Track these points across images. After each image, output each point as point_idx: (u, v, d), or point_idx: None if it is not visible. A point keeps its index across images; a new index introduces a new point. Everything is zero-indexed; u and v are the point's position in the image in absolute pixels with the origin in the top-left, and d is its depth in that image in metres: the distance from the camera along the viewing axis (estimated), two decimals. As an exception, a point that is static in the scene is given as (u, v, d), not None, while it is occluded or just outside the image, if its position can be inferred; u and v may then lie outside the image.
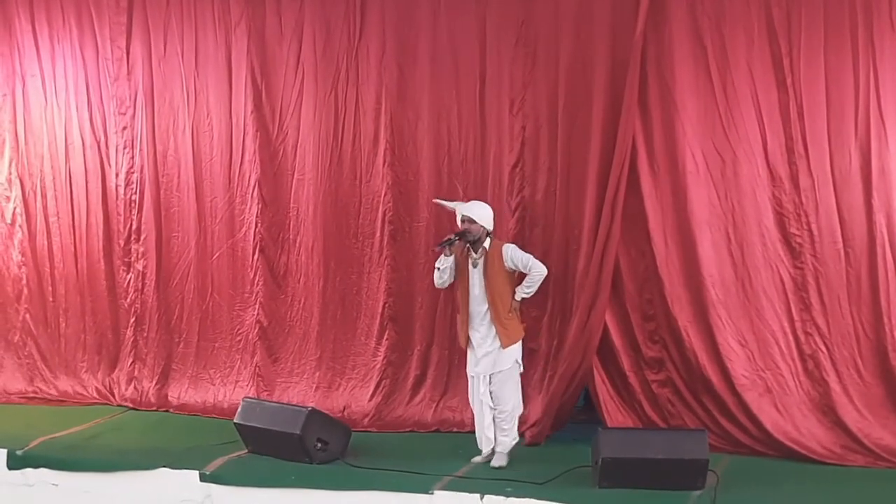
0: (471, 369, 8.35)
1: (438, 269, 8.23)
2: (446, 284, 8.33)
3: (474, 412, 8.40)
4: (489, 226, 8.23)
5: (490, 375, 8.26)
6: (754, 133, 8.36)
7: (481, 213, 8.22)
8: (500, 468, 8.25)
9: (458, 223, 8.23)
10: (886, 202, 8.10)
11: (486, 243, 8.22)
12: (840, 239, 8.23)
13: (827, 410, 8.28)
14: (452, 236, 8.17)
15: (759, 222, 8.39)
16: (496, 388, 8.28)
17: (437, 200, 8.77)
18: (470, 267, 8.23)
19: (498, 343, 8.20)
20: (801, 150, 8.24)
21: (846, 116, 8.17)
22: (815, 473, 8.03)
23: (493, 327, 8.20)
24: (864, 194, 8.16)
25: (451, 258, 8.22)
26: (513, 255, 8.25)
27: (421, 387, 9.58)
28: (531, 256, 8.30)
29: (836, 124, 8.19)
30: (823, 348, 8.30)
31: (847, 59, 8.14)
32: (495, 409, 8.30)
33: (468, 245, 8.23)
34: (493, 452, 8.38)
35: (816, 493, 7.63)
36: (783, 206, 8.33)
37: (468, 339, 8.30)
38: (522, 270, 8.25)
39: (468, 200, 8.55)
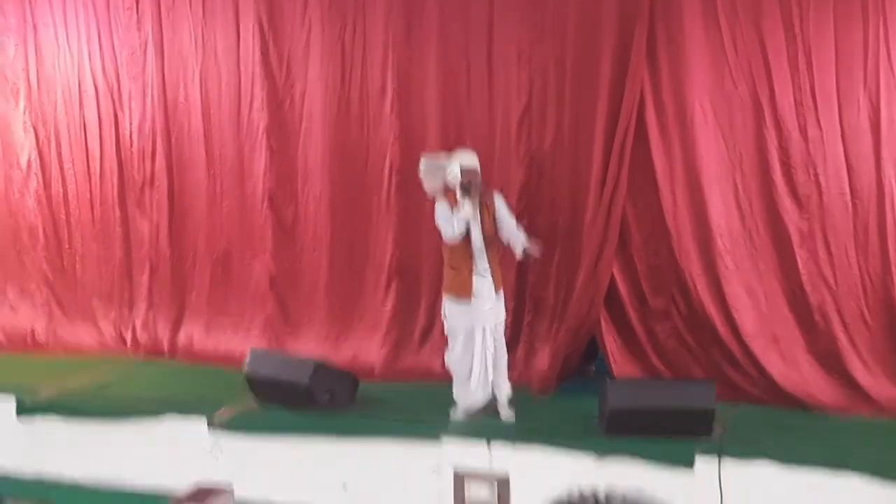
0: (470, 323, 8.22)
1: (465, 220, 8.05)
2: (459, 238, 8.23)
3: (474, 367, 8.26)
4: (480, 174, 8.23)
5: (494, 325, 8.25)
6: (762, 84, 8.29)
7: (478, 163, 8.19)
8: (510, 420, 8.27)
9: (457, 175, 8.14)
10: (894, 154, 8.05)
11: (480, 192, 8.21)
12: (848, 190, 8.18)
13: (833, 361, 8.27)
14: (470, 187, 8.09)
15: (766, 173, 8.35)
16: (498, 337, 8.28)
17: (426, 156, 8.63)
18: (470, 218, 8.18)
19: (494, 290, 8.19)
20: (810, 102, 8.18)
21: (855, 67, 8.09)
22: (821, 423, 8.05)
23: (493, 276, 8.20)
24: (872, 145, 8.10)
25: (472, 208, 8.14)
26: (501, 205, 8.24)
27: (428, 337, 9.59)
28: (515, 223, 8.31)
29: (844, 75, 8.11)
30: (830, 300, 8.28)
31: (856, 9, 8.05)
32: (496, 358, 8.29)
33: (467, 195, 8.15)
34: (485, 407, 8.36)
35: (822, 443, 7.64)
36: (791, 158, 8.28)
37: (471, 293, 8.21)
38: (500, 223, 8.22)
39: (466, 151, 8.44)
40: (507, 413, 8.32)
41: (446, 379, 9.07)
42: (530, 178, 9.08)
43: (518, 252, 8.30)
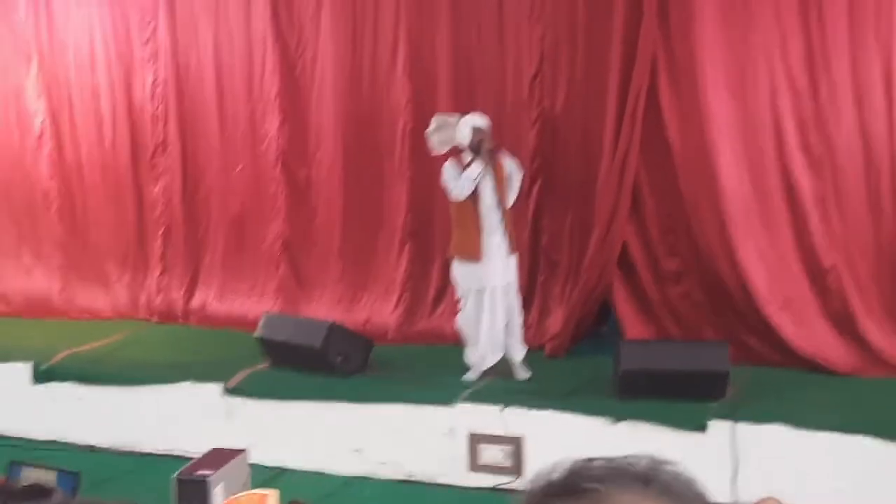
0: (480, 283, 8.25)
1: (475, 179, 8.09)
2: (466, 196, 8.23)
3: (483, 327, 8.29)
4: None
5: (506, 286, 8.25)
6: (774, 43, 8.22)
7: (488, 124, 8.18)
8: (528, 379, 8.29)
9: (467, 135, 8.13)
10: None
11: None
12: (860, 150, 8.13)
13: (846, 323, 8.25)
14: (480, 147, 8.09)
15: (778, 133, 8.29)
16: (511, 297, 8.29)
17: (438, 116, 8.62)
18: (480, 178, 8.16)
19: (506, 250, 8.19)
20: (822, 60, 8.11)
21: (867, 24, 8.01)
22: (834, 384, 8.04)
23: (505, 235, 8.19)
24: (885, 104, 8.04)
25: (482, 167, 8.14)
26: (509, 160, 8.30)
27: (441, 300, 9.59)
28: (518, 183, 8.38)
29: (856, 32, 8.03)
30: (843, 261, 8.24)
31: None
32: (509, 320, 8.30)
33: (478, 156, 8.14)
34: (498, 369, 8.38)
35: (835, 405, 7.65)
36: (803, 117, 8.21)
37: (481, 253, 8.22)
38: (509, 175, 8.32)
39: (476, 113, 8.44)
40: (522, 374, 8.34)
41: (460, 342, 9.09)
42: (542, 139, 9.04)
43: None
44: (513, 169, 8.37)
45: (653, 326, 8.81)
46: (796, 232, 8.34)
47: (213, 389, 8.57)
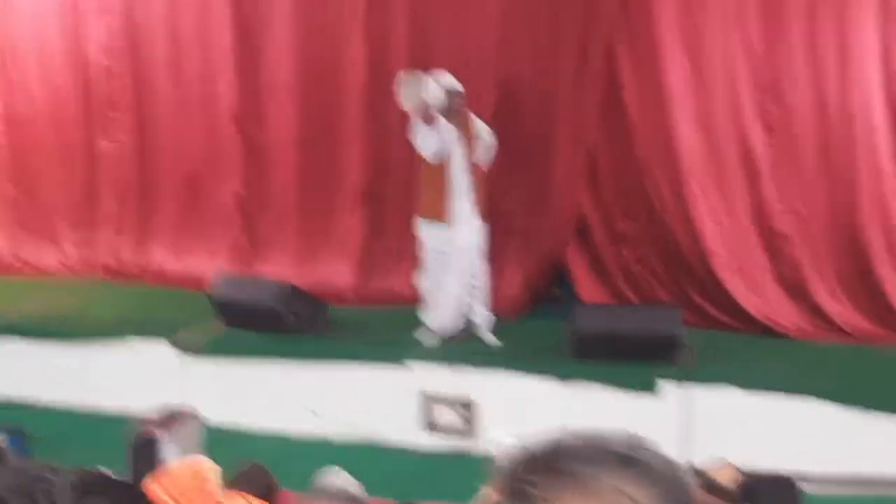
0: (445, 245, 8.23)
1: (447, 140, 8.01)
2: (441, 156, 8.15)
3: (448, 290, 8.26)
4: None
5: (472, 248, 8.24)
6: (732, 7, 8.25)
7: (459, 85, 8.16)
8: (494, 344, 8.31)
9: (439, 95, 8.08)
10: (862, 78, 8.04)
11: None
12: (815, 116, 8.19)
13: (798, 287, 8.34)
14: (451, 107, 8.03)
15: (734, 97, 8.34)
16: (476, 262, 8.28)
17: (408, 73, 8.55)
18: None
19: (474, 213, 8.19)
20: (778, 27, 8.15)
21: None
22: (785, 348, 8.15)
23: (472, 200, 8.18)
24: (840, 69, 8.09)
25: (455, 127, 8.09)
26: (476, 121, 8.27)
27: (398, 261, 9.54)
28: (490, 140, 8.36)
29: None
30: (796, 225, 8.31)
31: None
32: (475, 284, 8.30)
33: (448, 117, 8.09)
34: (460, 331, 8.40)
35: (787, 367, 7.76)
36: (759, 81, 8.26)
37: (449, 214, 8.19)
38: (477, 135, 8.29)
39: (443, 73, 8.41)
40: (490, 338, 8.34)
41: (416, 303, 9.08)
42: (501, 101, 9.01)
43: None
44: (483, 132, 8.33)
45: (607, 290, 8.85)
46: (751, 197, 8.40)
47: (166, 348, 8.52)
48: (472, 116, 8.29)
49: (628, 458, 1.26)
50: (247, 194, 10.09)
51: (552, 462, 1.26)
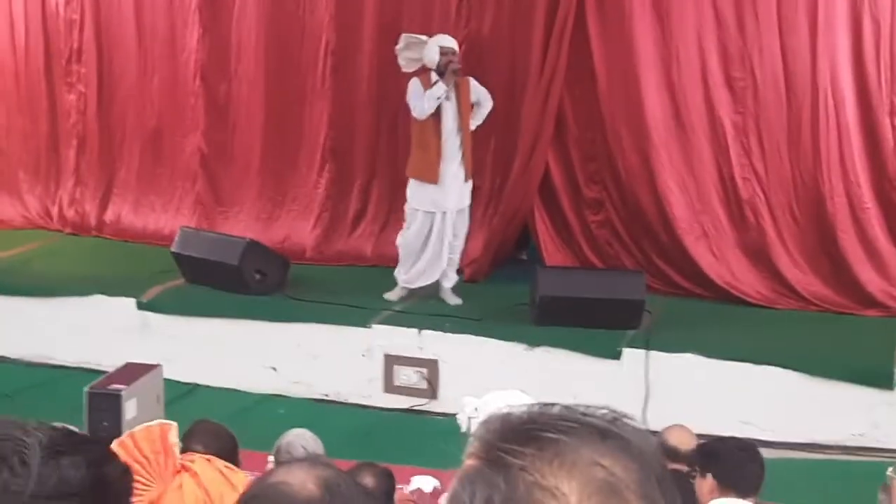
0: (432, 205, 8.21)
1: (438, 98, 7.96)
2: (428, 115, 8.10)
3: (429, 249, 8.27)
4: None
5: (458, 211, 8.22)
6: (702, -26, 8.25)
7: (457, 46, 8.15)
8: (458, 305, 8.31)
9: (435, 56, 8.04)
10: (830, 49, 8.06)
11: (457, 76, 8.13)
12: (783, 84, 8.21)
13: (761, 255, 8.37)
14: (446, 68, 8.00)
15: (703, 65, 8.34)
16: (460, 223, 8.27)
17: (407, 35, 8.49)
18: (443, 100, 8.04)
19: (463, 175, 8.17)
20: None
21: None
22: (747, 316, 8.19)
23: (462, 160, 8.16)
24: (809, 40, 8.10)
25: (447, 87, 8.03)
26: (476, 86, 8.25)
27: (361, 220, 9.53)
28: (484, 89, 8.31)
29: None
30: (761, 194, 8.34)
31: None
32: (453, 245, 8.29)
33: (443, 77, 8.05)
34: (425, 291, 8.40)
35: (748, 334, 7.81)
36: (727, 50, 8.27)
37: (438, 175, 8.15)
38: (478, 102, 8.27)
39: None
40: (454, 300, 8.34)
41: (378, 262, 9.09)
42: (468, 63, 8.94)
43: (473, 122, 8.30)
44: (481, 96, 8.30)
45: (571, 254, 8.87)
46: (716, 163, 8.43)
47: (127, 303, 8.48)
48: (472, 81, 8.26)
49: (607, 431, 1.26)
50: (210, 150, 10.01)
51: (531, 431, 1.25)
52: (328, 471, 2.03)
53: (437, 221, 8.22)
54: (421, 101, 8.01)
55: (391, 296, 8.39)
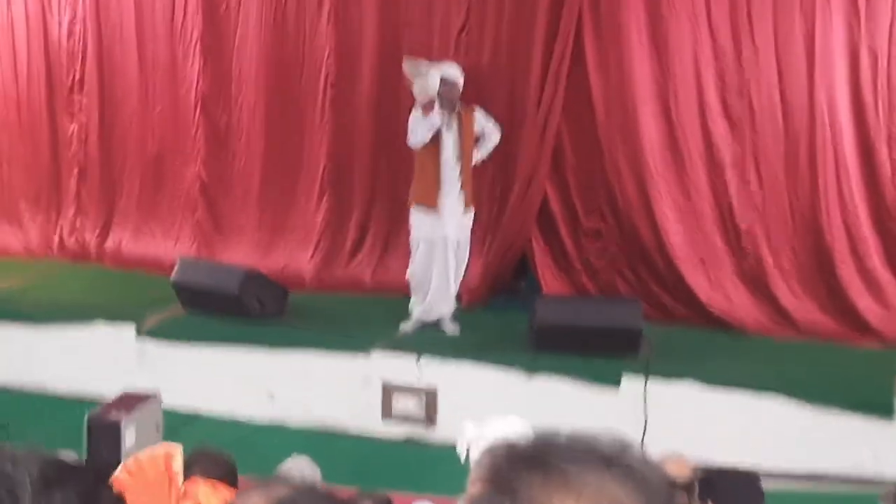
0: (433, 234, 8.21)
1: (431, 127, 7.98)
2: (422, 144, 8.14)
3: (434, 279, 8.26)
4: (461, 88, 8.17)
5: (458, 240, 8.23)
6: (700, 6, 8.30)
7: (461, 75, 8.17)
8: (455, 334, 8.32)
9: (436, 85, 8.07)
10: (828, 79, 8.09)
11: (458, 106, 8.15)
12: (780, 114, 8.25)
13: (759, 284, 8.39)
14: (444, 97, 8.02)
15: (700, 96, 8.39)
16: (460, 253, 8.27)
17: (409, 60, 8.53)
18: (443, 130, 8.08)
19: (462, 206, 8.18)
20: (746, 25, 8.20)
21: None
22: (745, 344, 8.20)
23: (462, 190, 8.17)
24: (806, 70, 8.15)
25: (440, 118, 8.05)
26: (482, 118, 8.27)
27: (360, 249, 9.57)
28: (492, 120, 8.32)
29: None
30: (758, 223, 8.37)
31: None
32: (454, 276, 8.29)
33: (441, 106, 8.06)
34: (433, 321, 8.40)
35: (746, 363, 7.80)
36: (725, 80, 8.32)
37: (437, 204, 8.16)
38: (483, 134, 8.28)
39: (451, 63, 8.42)
40: (451, 328, 8.35)
41: (376, 290, 9.11)
42: (467, 93, 8.98)
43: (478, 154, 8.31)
44: (488, 128, 8.31)
45: (569, 282, 8.89)
46: (714, 193, 8.46)
47: (127, 332, 8.48)
48: (478, 112, 8.28)
49: (614, 459, 1.27)
50: (210, 179, 10.07)
51: (539, 458, 1.26)
52: (286, 490, 2.02)
53: (438, 250, 8.23)
54: (416, 129, 8.05)
55: (407, 327, 8.41)
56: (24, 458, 1.56)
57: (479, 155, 8.31)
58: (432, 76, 8.08)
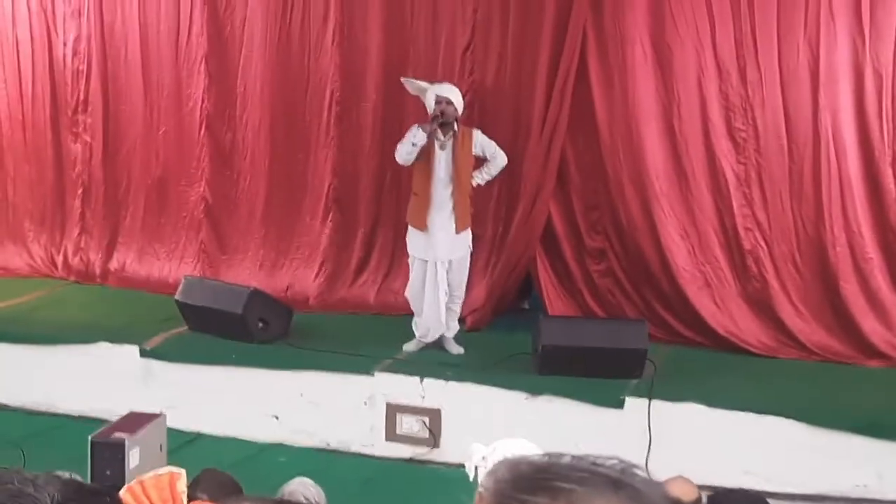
0: (424, 253, 8.20)
1: (414, 144, 7.94)
2: (411, 162, 8.11)
3: (426, 298, 8.23)
4: (461, 109, 8.14)
5: (450, 261, 8.22)
6: (704, 26, 8.28)
7: (458, 96, 8.14)
8: (459, 354, 8.30)
9: (432, 104, 8.06)
10: (832, 100, 8.09)
11: (455, 126, 8.11)
12: (784, 135, 8.23)
13: (764, 305, 8.37)
14: (437, 116, 7.97)
15: (704, 116, 8.38)
16: (453, 274, 8.25)
17: (407, 79, 8.56)
18: (437, 149, 8.05)
19: (454, 227, 8.16)
20: (750, 45, 8.19)
21: (796, 11, 8.09)
22: (750, 365, 8.17)
23: (454, 212, 8.15)
24: (810, 91, 8.14)
25: (426, 136, 7.99)
26: (482, 141, 8.21)
27: (364, 269, 9.57)
28: (496, 144, 8.27)
29: (785, 19, 8.12)
30: (763, 244, 8.36)
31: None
32: (449, 295, 8.28)
33: (437, 126, 8.03)
34: (434, 340, 8.38)
35: (751, 384, 7.77)
36: (729, 100, 8.31)
37: (426, 223, 8.16)
38: (486, 157, 8.24)
39: (434, 82, 8.41)
40: (456, 349, 8.33)
41: (381, 311, 9.10)
42: (471, 112, 9.01)
43: (477, 179, 8.28)
44: (490, 151, 8.25)
45: (574, 303, 8.87)
46: (718, 213, 8.45)
47: (131, 351, 8.48)
48: (477, 134, 8.24)
49: (618, 481, 1.26)
50: (215, 199, 10.07)
51: (543, 480, 1.26)
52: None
53: (430, 270, 8.21)
54: (400, 147, 8.04)
55: (410, 347, 8.40)
56: (45, 480, 1.57)
57: (481, 178, 8.29)
58: (430, 94, 8.08)
